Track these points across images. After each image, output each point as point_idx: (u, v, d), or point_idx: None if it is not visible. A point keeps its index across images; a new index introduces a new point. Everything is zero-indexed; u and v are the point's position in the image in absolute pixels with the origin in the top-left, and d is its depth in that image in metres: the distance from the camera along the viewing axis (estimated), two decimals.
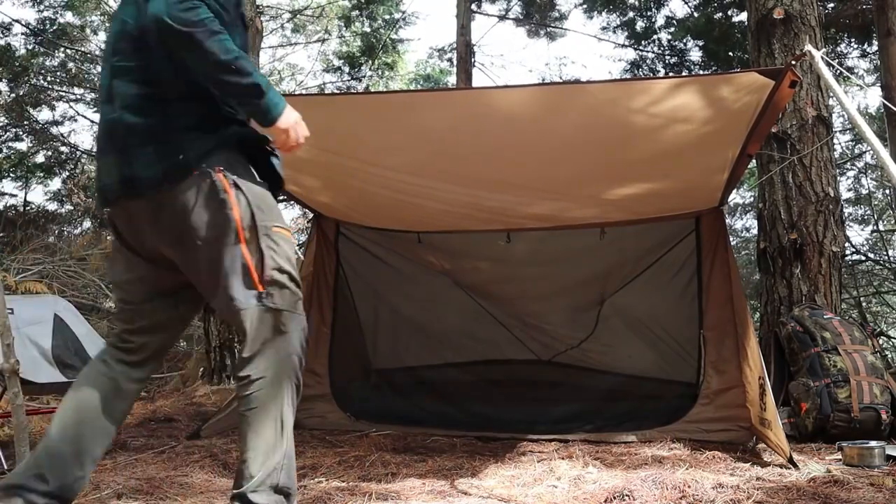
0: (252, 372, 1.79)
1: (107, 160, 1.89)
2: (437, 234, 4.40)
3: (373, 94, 6.22)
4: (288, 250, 1.89)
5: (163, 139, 1.81)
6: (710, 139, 3.03)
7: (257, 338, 1.80)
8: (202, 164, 1.79)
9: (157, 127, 1.81)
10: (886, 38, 6.58)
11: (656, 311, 4.41)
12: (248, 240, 1.80)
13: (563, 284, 4.59)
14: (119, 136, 1.84)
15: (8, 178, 12.09)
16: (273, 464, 1.74)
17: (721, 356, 3.64)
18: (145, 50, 1.82)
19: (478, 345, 4.76)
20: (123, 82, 1.85)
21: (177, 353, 6.81)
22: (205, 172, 1.78)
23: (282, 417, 1.78)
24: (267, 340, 1.80)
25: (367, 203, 4.12)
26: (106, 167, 1.90)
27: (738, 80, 2.72)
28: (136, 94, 1.83)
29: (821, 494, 2.34)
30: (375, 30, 12.65)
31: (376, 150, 3.45)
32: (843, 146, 10.44)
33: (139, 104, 1.82)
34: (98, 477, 2.66)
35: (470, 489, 2.57)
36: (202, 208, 1.78)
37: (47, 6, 11.39)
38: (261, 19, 6.29)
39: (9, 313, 2.54)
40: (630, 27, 10.59)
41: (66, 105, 12.36)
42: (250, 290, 1.80)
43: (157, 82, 1.82)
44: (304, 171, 3.87)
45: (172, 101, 1.82)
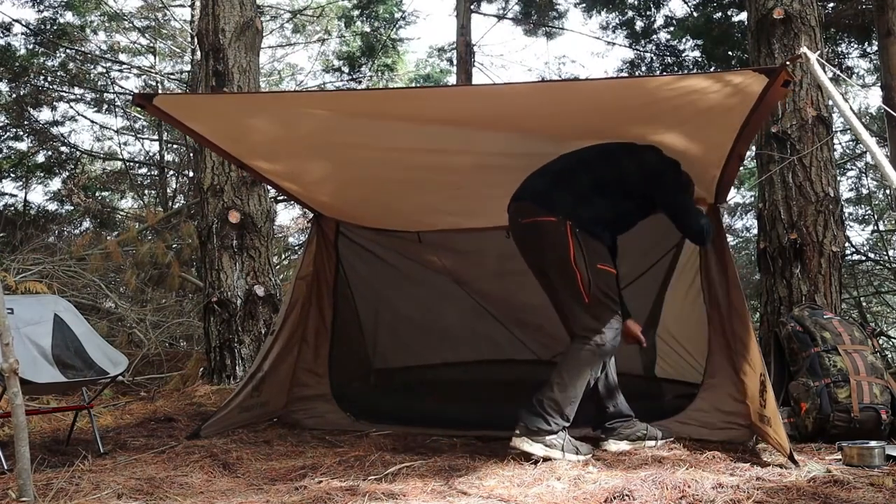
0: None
1: None
2: (437, 233, 4.40)
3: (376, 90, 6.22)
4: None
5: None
6: (723, 111, 3.00)
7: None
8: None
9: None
10: (886, 38, 6.59)
11: (656, 311, 4.41)
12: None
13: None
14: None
15: (8, 178, 12.09)
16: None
17: (721, 355, 3.64)
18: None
19: (478, 344, 4.76)
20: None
21: (177, 353, 6.81)
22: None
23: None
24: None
25: (368, 202, 4.13)
26: None
27: (733, 79, 2.73)
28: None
29: (821, 494, 2.34)
30: (375, 30, 12.67)
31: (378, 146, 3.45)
32: (844, 146, 10.45)
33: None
34: (98, 477, 2.66)
35: (470, 489, 2.57)
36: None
37: (47, 6, 11.39)
38: (261, 19, 6.29)
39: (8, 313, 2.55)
40: (629, 26, 10.60)
41: (67, 105, 12.38)
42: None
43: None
44: (306, 167, 3.88)
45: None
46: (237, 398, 3.79)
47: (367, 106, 3.42)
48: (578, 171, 3.19)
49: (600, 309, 3.08)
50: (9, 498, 2.33)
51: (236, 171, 5.52)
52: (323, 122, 3.34)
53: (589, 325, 3.07)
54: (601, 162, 3.24)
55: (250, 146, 3.65)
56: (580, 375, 3.04)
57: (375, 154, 3.59)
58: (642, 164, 3.24)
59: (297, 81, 13.88)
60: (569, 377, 3.03)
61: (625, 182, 3.21)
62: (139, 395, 5.41)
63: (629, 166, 3.23)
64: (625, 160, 3.25)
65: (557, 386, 3.01)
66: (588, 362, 3.06)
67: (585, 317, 3.08)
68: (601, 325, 3.06)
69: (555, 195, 3.08)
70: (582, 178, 3.16)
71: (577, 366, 3.05)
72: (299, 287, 4.12)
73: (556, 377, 3.03)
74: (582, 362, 3.05)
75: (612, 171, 3.22)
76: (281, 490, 2.56)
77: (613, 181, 3.20)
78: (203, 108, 3.49)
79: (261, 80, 6.41)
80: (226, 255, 5.53)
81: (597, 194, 3.14)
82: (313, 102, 3.51)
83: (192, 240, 8.35)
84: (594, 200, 3.12)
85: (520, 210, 3.16)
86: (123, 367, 3.53)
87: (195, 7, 11.15)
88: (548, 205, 3.06)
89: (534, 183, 3.19)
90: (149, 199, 13.16)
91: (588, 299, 3.04)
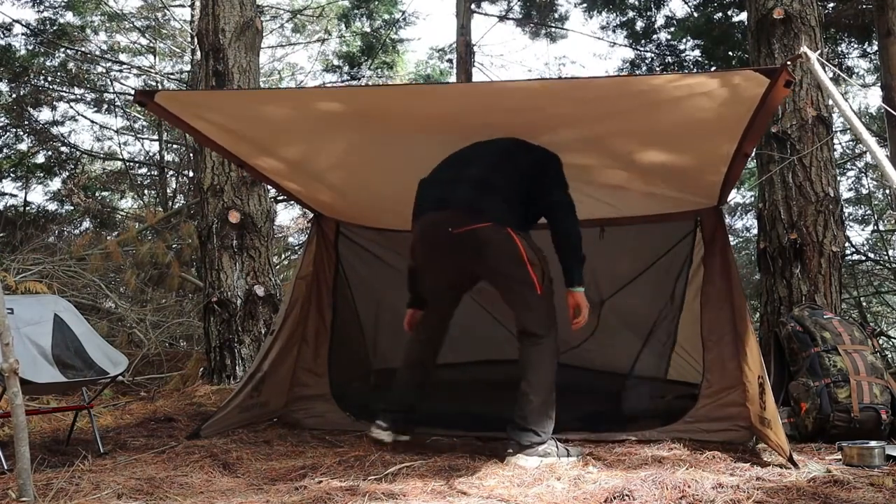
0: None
1: None
2: None
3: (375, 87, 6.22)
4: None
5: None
6: (719, 122, 3.02)
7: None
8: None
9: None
10: (886, 38, 6.59)
11: (657, 311, 4.41)
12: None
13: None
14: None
15: (8, 178, 12.09)
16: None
17: (721, 356, 3.64)
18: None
19: (478, 344, 4.75)
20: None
21: (177, 353, 6.81)
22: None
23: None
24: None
25: (368, 202, 4.12)
26: None
27: (733, 78, 2.73)
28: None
29: (821, 494, 2.34)
30: (375, 29, 12.67)
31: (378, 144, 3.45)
32: (844, 146, 10.44)
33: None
34: (98, 477, 2.66)
35: (470, 489, 2.57)
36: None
37: (47, 6, 11.39)
38: (261, 19, 6.29)
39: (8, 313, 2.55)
40: (630, 27, 10.60)
41: (67, 105, 12.38)
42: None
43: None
44: (305, 167, 3.88)
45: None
46: (237, 398, 3.79)
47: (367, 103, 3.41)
48: (492, 174, 3.20)
49: (549, 298, 3.17)
50: (9, 498, 2.33)
51: (236, 171, 5.52)
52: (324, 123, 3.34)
53: (543, 316, 3.15)
54: (506, 162, 3.26)
55: (251, 143, 3.64)
56: (548, 373, 3.11)
57: (375, 155, 3.59)
58: (534, 159, 3.28)
59: (297, 81, 13.88)
60: (538, 380, 3.08)
61: (523, 179, 3.23)
62: (139, 395, 5.41)
63: (525, 161, 3.26)
64: (521, 156, 3.28)
65: (532, 394, 3.06)
66: (550, 356, 3.13)
67: (540, 308, 3.14)
68: (553, 315, 3.16)
69: (483, 202, 3.11)
70: (499, 181, 3.18)
71: (541, 365, 3.11)
72: (299, 287, 4.11)
73: (527, 386, 3.07)
74: (545, 359, 3.12)
75: (516, 170, 3.24)
76: (281, 490, 2.56)
77: (518, 180, 3.22)
78: (204, 104, 3.49)
79: (261, 80, 6.41)
80: (226, 255, 5.53)
81: (513, 196, 3.18)
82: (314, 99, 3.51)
83: (192, 240, 8.36)
84: (514, 203, 3.18)
85: (448, 220, 3.13)
86: (123, 367, 3.53)
87: (195, 7, 11.15)
88: (479, 212, 3.08)
89: (455, 191, 3.17)
90: (149, 199, 13.16)
91: (540, 290, 3.11)
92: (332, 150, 3.66)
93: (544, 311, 3.15)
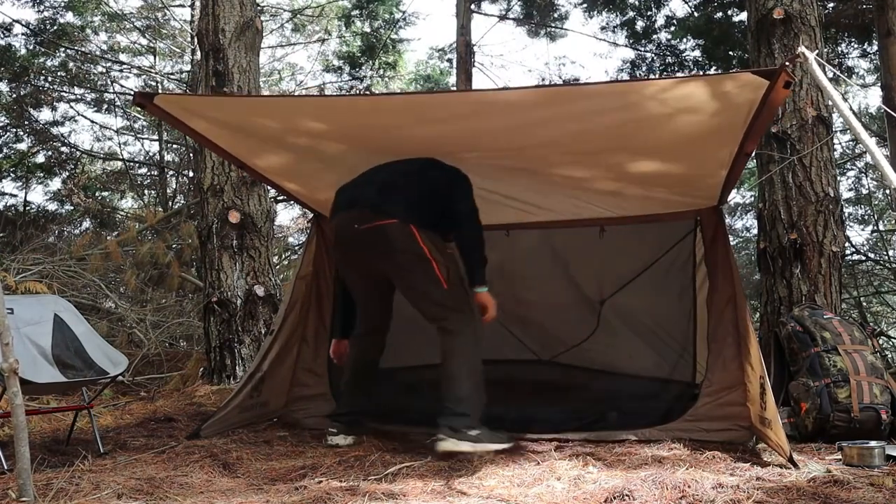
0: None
1: None
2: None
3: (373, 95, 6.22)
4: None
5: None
6: (716, 131, 3.03)
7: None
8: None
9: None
10: (886, 38, 6.59)
11: (657, 311, 4.41)
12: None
13: (563, 284, 4.59)
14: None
15: (8, 178, 12.09)
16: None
17: (722, 355, 3.64)
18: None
19: None
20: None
21: (177, 353, 6.81)
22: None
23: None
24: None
25: None
26: None
27: (733, 80, 2.73)
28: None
29: (821, 494, 2.34)
30: (375, 30, 12.67)
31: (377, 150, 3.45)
32: (844, 146, 10.45)
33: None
34: (98, 477, 2.66)
35: (470, 489, 2.57)
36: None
37: (48, 6, 11.40)
38: (261, 19, 6.29)
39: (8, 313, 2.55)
40: (630, 27, 10.60)
41: (67, 105, 12.39)
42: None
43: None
44: (305, 170, 3.88)
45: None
46: (237, 398, 3.79)
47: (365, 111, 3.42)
48: (402, 182, 3.37)
49: (459, 290, 3.27)
50: (9, 498, 2.33)
51: (236, 171, 5.52)
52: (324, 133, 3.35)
53: (453, 310, 3.23)
54: (416, 173, 3.43)
55: (250, 147, 3.65)
56: (471, 362, 3.20)
57: (377, 159, 3.60)
58: (446, 176, 3.45)
59: (297, 81, 13.89)
60: (461, 370, 3.17)
61: (434, 193, 3.37)
62: (139, 395, 5.41)
63: (436, 176, 3.44)
64: (433, 171, 3.46)
65: (459, 381, 3.14)
66: (470, 346, 3.22)
67: (448, 302, 3.23)
68: (465, 306, 3.26)
69: (388, 202, 3.25)
70: (409, 188, 3.34)
71: (462, 355, 3.19)
72: (299, 287, 4.11)
73: (451, 376, 3.15)
74: (465, 350, 3.20)
75: (425, 181, 3.40)
76: (281, 490, 2.56)
77: (428, 191, 3.36)
78: (203, 108, 3.49)
79: (261, 79, 6.41)
80: (226, 255, 5.53)
81: (418, 200, 3.31)
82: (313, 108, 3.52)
83: (192, 240, 8.36)
84: (423, 207, 3.29)
85: (355, 218, 3.27)
86: (123, 367, 3.53)
87: (195, 7, 11.15)
88: (384, 210, 3.22)
89: (362, 192, 3.34)
90: (149, 199, 13.16)
91: (447, 285, 3.21)
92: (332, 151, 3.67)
93: (453, 304, 3.23)
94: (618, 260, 4.39)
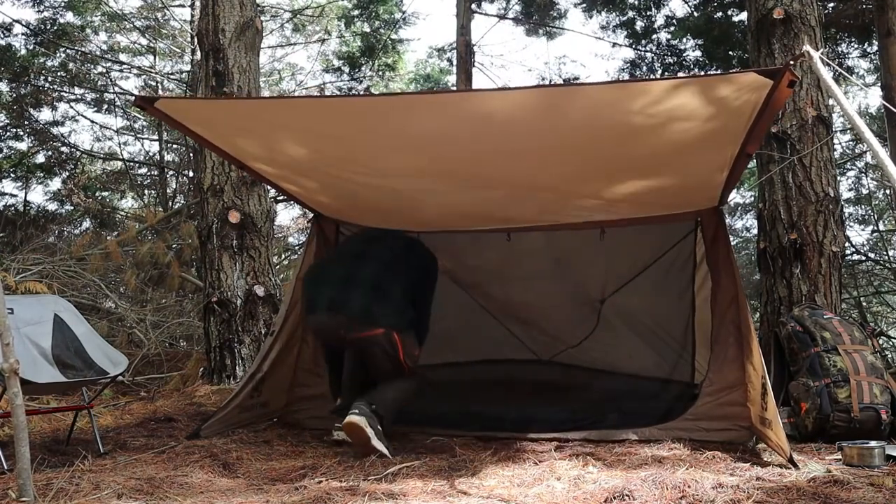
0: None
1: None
2: (437, 233, 4.39)
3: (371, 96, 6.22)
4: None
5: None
6: (710, 138, 3.03)
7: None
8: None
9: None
10: (886, 38, 6.59)
11: (657, 311, 4.41)
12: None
13: (563, 284, 4.59)
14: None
15: (8, 178, 12.09)
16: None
17: (723, 355, 3.64)
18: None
19: (478, 344, 4.76)
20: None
21: (177, 352, 6.81)
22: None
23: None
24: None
25: (366, 203, 4.12)
26: None
27: (736, 81, 2.72)
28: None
29: (821, 494, 2.34)
30: (375, 30, 12.66)
31: (375, 152, 3.45)
32: (843, 146, 10.44)
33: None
34: (98, 477, 2.66)
35: (470, 489, 2.57)
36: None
37: (48, 6, 11.38)
38: (261, 19, 6.29)
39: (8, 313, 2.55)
40: (629, 26, 10.60)
41: (67, 105, 12.38)
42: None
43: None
44: (305, 171, 3.88)
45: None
46: (237, 398, 3.79)
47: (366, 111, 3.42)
48: (388, 279, 3.50)
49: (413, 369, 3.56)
50: (9, 498, 2.33)
51: (236, 171, 5.52)
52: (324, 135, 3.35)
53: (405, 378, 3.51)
54: (404, 264, 3.61)
55: (250, 152, 3.65)
56: (404, 398, 3.50)
57: (374, 171, 3.60)
58: (420, 264, 3.67)
59: (297, 81, 13.88)
60: (397, 395, 3.44)
61: (410, 281, 3.57)
62: (139, 395, 5.41)
63: (417, 265, 3.64)
64: (413, 256, 3.66)
65: (391, 396, 3.42)
66: (413, 390, 3.54)
67: (405, 379, 3.51)
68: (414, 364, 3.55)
69: (375, 309, 3.39)
70: (395, 284, 3.49)
71: (405, 391, 3.49)
72: (299, 287, 4.11)
73: (385, 390, 3.41)
74: (408, 388, 3.51)
75: (412, 272, 3.61)
76: (281, 490, 2.56)
77: (410, 283, 3.56)
78: (204, 111, 3.49)
79: (261, 79, 6.41)
80: (226, 255, 5.53)
81: (402, 297, 3.50)
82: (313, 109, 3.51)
83: (192, 240, 8.35)
84: (403, 304, 3.49)
85: (342, 324, 3.41)
86: (123, 367, 3.53)
87: (195, 7, 11.15)
88: (372, 319, 3.37)
89: (348, 297, 3.42)
90: (149, 199, 13.16)
91: (408, 372, 3.49)
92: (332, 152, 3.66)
93: (408, 378, 3.51)
94: (618, 260, 4.39)
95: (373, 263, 3.56)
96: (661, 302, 4.35)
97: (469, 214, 4.09)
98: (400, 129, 3.22)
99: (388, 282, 3.48)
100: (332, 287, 3.47)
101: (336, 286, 3.46)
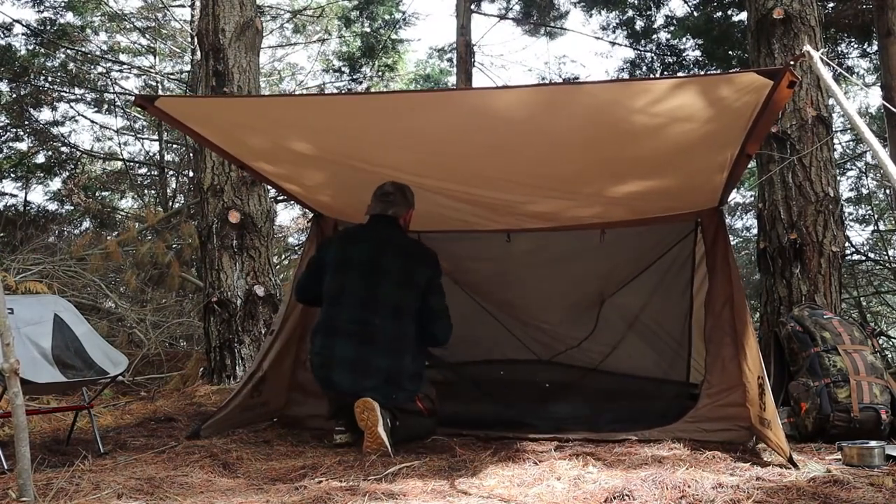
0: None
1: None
2: (437, 233, 4.39)
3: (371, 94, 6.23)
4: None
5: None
6: (710, 138, 3.03)
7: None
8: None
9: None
10: (886, 38, 6.59)
11: (656, 310, 4.41)
12: None
13: (563, 284, 4.59)
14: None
15: (8, 178, 12.09)
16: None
17: (721, 356, 3.64)
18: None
19: (478, 345, 4.75)
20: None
21: (177, 353, 6.81)
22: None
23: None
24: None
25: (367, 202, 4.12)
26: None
27: (736, 81, 2.72)
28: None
29: (821, 494, 2.34)
30: (375, 30, 12.66)
31: (377, 149, 3.45)
32: (843, 146, 10.45)
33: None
34: (98, 477, 2.66)
35: (470, 489, 2.57)
36: None
37: (47, 6, 11.40)
38: (261, 19, 6.29)
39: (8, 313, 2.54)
40: (629, 26, 10.60)
41: (67, 105, 12.39)
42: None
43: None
44: (304, 170, 3.88)
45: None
46: (237, 398, 3.79)
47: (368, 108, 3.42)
48: (396, 329, 3.48)
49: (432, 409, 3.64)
50: (9, 498, 2.33)
51: (236, 171, 5.52)
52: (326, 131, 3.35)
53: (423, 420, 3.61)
54: (408, 291, 3.53)
55: (251, 149, 3.65)
56: (415, 434, 3.54)
57: (374, 170, 3.60)
58: (427, 276, 3.60)
59: (297, 81, 13.88)
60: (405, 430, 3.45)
61: (419, 297, 3.55)
62: (139, 395, 5.41)
63: (421, 281, 3.57)
64: (418, 272, 3.57)
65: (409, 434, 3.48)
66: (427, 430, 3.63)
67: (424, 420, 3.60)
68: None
69: (393, 385, 3.43)
70: (404, 340, 3.49)
71: (417, 431, 3.55)
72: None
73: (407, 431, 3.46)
74: (423, 427, 3.59)
75: (415, 295, 3.55)
76: (281, 490, 2.56)
77: (417, 308, 3.55)
78: (204, 110, 3.49)
79: (261, 80, 6.41)
80: (226, 255, 5.53)
81: (416, 347, 3.56)
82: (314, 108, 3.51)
83: (192, 240, 8.36)
84: (416, 357, 3.56)
85: (339, 396, 3.44)
86: (123, 367, 3.53)
87: (195, 7, 11.15)
88: (389, 392, 3.40)
89: (366, 383, 3.39)
90: (149, 199, 13.16)
91: (428, 414, 3.59)
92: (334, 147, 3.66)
93: (427, 417, 3.59)
94: (618, 260, 4.39)
95: (383, 303, 3.49)
96: (661, 302, 4.35)
97: (469, 215, 4.09)
98: (401, 126, 3.22)
99: (398, 330, 3.47)
100: (345, 368, 3.43)
101: (349, 365, 3.42)
